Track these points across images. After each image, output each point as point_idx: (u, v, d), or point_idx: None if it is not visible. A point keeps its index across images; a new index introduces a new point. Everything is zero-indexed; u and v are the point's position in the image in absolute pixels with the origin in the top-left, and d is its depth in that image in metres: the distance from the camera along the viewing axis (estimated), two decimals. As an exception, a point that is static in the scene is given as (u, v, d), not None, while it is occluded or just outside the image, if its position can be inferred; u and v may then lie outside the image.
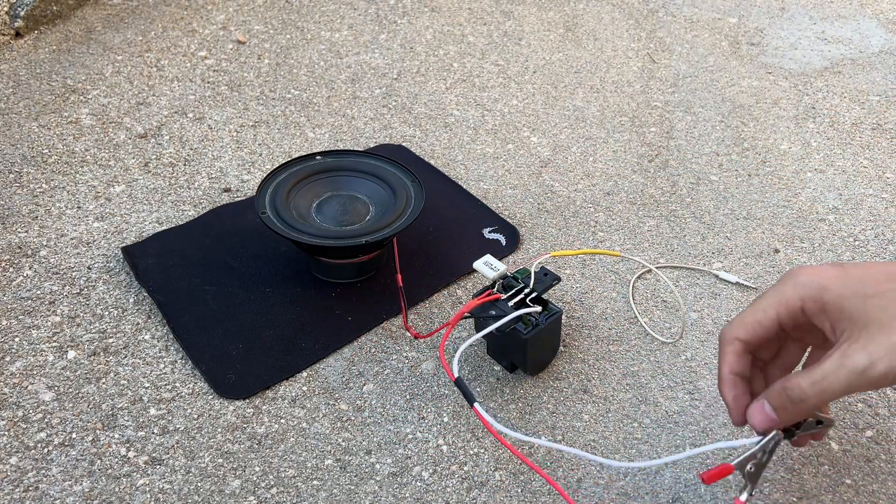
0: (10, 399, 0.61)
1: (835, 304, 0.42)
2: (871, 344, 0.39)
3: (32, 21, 1.08)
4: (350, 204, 0.73)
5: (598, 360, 0.66)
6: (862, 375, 0.39)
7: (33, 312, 0.68)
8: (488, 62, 1.08)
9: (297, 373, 0.64)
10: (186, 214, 0.80)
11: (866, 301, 0.41)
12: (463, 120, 0.96)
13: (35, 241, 0.76)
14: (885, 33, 1.17)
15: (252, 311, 0.69)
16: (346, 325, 0.68)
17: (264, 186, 0.71)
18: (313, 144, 0.91)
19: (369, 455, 0.58)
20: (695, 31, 1.17)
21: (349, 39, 1.12)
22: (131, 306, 0.69)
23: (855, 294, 0.42)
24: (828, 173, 0.88)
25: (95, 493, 0.55)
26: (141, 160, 0.87)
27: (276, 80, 1.02)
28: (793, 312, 0.45)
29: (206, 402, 0.61)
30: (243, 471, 0.57)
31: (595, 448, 0.59)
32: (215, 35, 1.11)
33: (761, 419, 0.44)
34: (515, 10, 1.21)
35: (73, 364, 0.64)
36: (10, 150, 0.87)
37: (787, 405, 0.42)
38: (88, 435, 0.59)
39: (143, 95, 0.98)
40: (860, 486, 0.57)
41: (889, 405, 0.63)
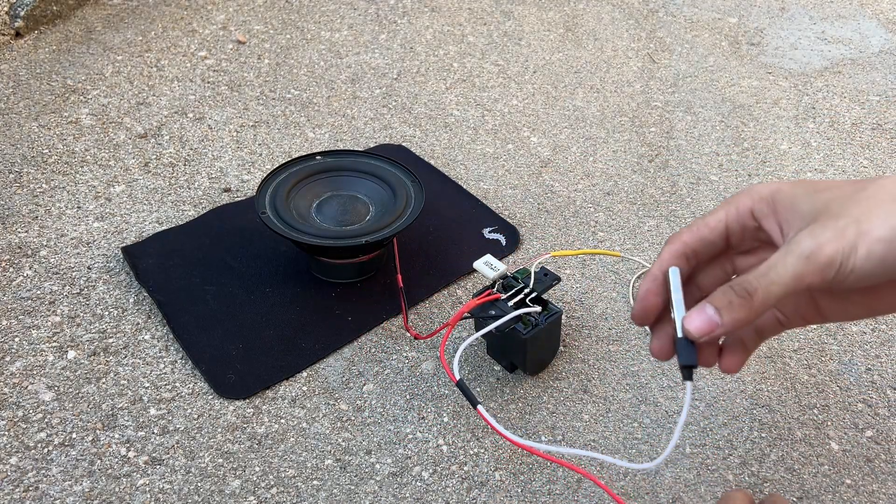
0: (10, 399, 0.61)
1: (785, 202, 0.39)
2: (818, 229, 0.36)
3: (32, 21, 1.08)
4: (350, 204, 0.73)
5: (598, 360, 0.66)
6: (809, 260, 0.36)
7: (33, 312, 0.68)
8: (488, 62, 1.08)
9: (297, 373, 0.64)
10: (186, 214, 0.80)
11: (816, 195, 0.38)
12: (463, 120, 0.96)
13: (35, 241, 0.76)
14: (885, 33, 1.17)
15: (252, 311, 0.69)
16: (346, 325, 0.68)
17: (264, 186, 0.71)
18: (313, 144, 0.91)
19: (369, 455, 0.58)
20: (695, 31, 1.17)
21: (349, 39, 1.12)
22: (131, 306, 0.69)
23: (806, 192, 0.39)
24: (828, 173, 0.88)
25: (95, 493, 0.55)
26: (141, 160, 0.87)
27: (276, 80, 1.02)
28: (742, 216, 0.41)
29: (206, 402, 0.61)
30: (243, 471, 0.57)
31: (595, 448, 0.59)
32: (215, 35, 1.11)
33: (700, 321, 0.38)
34: (515, 10, 1.21)
35: (73, 364, 0.64)
36: (10, 150, 0.87)
37: (732, 301, 0.37)
38: (88, 435, 0.59)
39: (143, 95, 0.98)
40: (860, 487, 0.57)
41: (889, 405, 0.63)
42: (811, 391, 0.64)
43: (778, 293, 0.36)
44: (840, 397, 0.63)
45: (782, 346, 0.67)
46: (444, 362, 0.58)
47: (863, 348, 0.67)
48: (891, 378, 0.65)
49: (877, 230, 0.35)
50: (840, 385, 0.64)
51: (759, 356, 0.66)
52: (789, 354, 0.67)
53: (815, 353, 0.67)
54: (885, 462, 0.58)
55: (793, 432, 0.60)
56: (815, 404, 0.63)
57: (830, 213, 0.37)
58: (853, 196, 0.37)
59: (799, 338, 0.68)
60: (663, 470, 0.57)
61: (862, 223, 0.36)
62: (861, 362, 0.66)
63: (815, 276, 0.36)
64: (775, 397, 0.63)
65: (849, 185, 0.38)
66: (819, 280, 0.36)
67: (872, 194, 0.37)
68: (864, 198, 0.37)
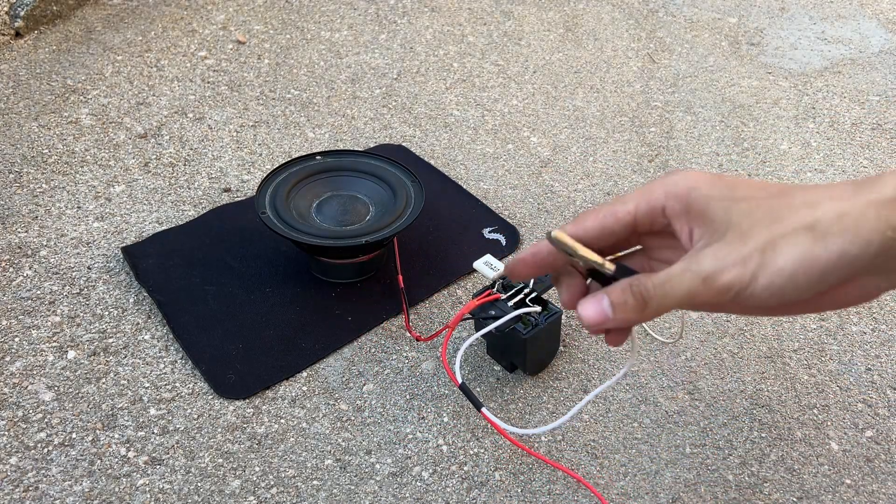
0: (10, 399, 0.61)
1: (699, 205, 0.38)
2: (724, 250, 0.35)
3: (32, 21, 1.08)
4: (350, 204, 0.73)
5: (598, 361, 0.66)
6: (705, 282, 0.35)
7: (33, 312, 0.68)
8: (488, 62, 1.08)
9: (297, 373, 0.64)
10: (186, 214, 0.80)
11: (732, 205, 0.37)
12: (463, 120, 0.96)
13: (35, 241, 0.76)
14: (885, 33, 1.17)
15: (252, 311, 0.69)
16: (346, 325, 0.68)
17: (264, 186, 0.71)
18: (313, 144, 0.91)
19: (369, 455, 0.58)
20: (695, 31, 1.17)
21: (349, 39, 1.12)
22: (131, 306, 0.69)
23: (723, 197, 0.37)
24: (828, 173, 0.88)
25: (95, 493, 0.55)
26: (141, 160, 0.87)
27: (276, 80, 1.02)
28: (653, 210, 0.40)
29: (206, 402, 0.61)
30: (243, 471, 0.57)
31: (595, 448, 0.59)
32: (215, 35, 1.11)
33: (593, 312, 0.38)
34: (515, 10, 1.21)
35: (73, 364, 0.64)
36: (10, 150, 0.87)
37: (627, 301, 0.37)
38: (88, 435, 0.59)
39: (143, 95, 0.98)
40: (860, 487, 0.57)
41: (889, 405, 0.63)
42: (811, 391, 0.64)
43: (670, 306, 0.36)
44: (840, 397, 0.63)
45: (782, 346, 0.67)
46: (447, 365, 0.58)
47: (863, 348, 0.67)
48: (891, 378, 0.65)
49: (780, 261, 0.34)
50: (840, 385, 0.64)
51: (759, 356, 0.66)
52: (789, 354, 0.67)
53: (815, 353, 0.67)
54: (885, 462, 0.58)
55: (793, 432, 0.60)
56: (815, 404, 0.63)
57: (739, 231, 0.36)
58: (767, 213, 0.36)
59: (799, 338, 0.68)
60: (663, 470, 0.57)
61: (766, 253, 0.35)
62: (861, 362, 0.66)
63: (711, 297, 0.35)
64: (775, 397, 0.63)
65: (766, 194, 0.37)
66: (714, 301, 0.35)
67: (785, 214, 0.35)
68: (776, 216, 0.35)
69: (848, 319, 0.70)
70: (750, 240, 0.35)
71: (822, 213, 0.35)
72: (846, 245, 0.34)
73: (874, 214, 0.34)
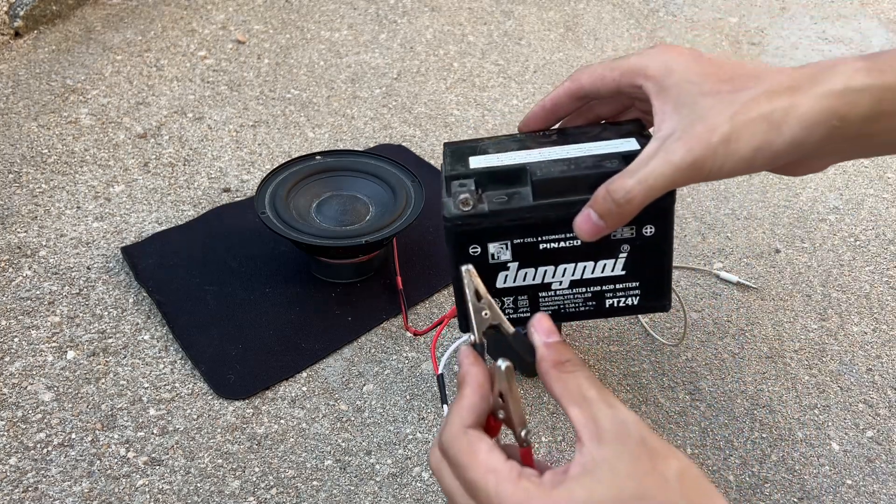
0: (10, 399, 0.61)
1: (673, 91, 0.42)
2: (693, 140, 0.40)
3: (32, 21, 1.08)
4: (350, 204, 0.73)
5: (599, 361, 0.65)
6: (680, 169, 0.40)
7: (32, 313, 0.68)
8: (488, 62, 1.08)
9: (296, 373, 0.64)
10: (186, 214, 0.80)
11: (700, 98, 0.41)
12: (463, 120, 0.96)
13: (34, 241, 0.76)
14: (886, 33, 1.17)
15: (252, 312, 0.69)
16: (346, 325, 0.68)
17: (264, 186, 0.71)
18: (313, 144, 0.91)
19: (369, 455, 0.58)
20: (695, 31, 1.17)
21: (349, 39, 1.11)
22: (131, 306, 0.69)
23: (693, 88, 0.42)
24: (828, 173, 0.88)
25: (95, 494, 0.55)
26: (140, 160, 0.87)
27: (275, 79, 1.02)
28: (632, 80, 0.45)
29: (205, 403, 0.61)
30: (243, 471, 0.57)
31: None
32: (215, 35, 1.11)
33: (588, 227, 0.43)
34: (516, 9, 1.21)
35: (73, 364, 0.64)
36: (9, 150, 0.87)
37: (612, 209, 0.42)
38: (88, 435, 0.59)
39: (142, 95, 0.97)
40: (861, 487, 0.57)
41: (890, 405, 0.62)
42: (812, 391, 0.64)
43: (653, 196, 0.41)
44: (841, 398, 0.63)
45: (783, 346, 0.67)
46: (433, 353, 0.58)
47: (864, 348, 0.67)
48: (892, 378, 0.65)
49: (742, 149, 0.40)
50: (841, 385, 0.64)
51: (760, 356, 0.66)
52: (790, 354, 0.67)
53: (816, 354, 0.67)
54: (886, 462, 0.58)
55: (793, 433, 0.60)
56: (816, 405, 0.63)
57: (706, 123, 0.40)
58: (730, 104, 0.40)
59: (800, 338, 0.68)
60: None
61: (730, 143, 0.40)
62: (862, 362, 0.66)
63: (686, 180, 0.41)
64: (776, 398, 0.63)
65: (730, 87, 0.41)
66: (690, 181, 0.41)
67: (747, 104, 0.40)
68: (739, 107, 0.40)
69: (849, 320, 0.70)
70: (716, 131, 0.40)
71: (778, 104, 0.40)
72: (796, 132, 0.39)
73: (822, 106, 0.39)
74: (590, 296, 0.49)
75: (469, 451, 0.36)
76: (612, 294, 0.49)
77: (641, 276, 0.48)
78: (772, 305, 0.71)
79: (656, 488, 0.34)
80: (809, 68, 0.41)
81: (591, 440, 0.35)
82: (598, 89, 0.47)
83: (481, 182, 0.46)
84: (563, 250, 0.47)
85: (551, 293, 0.49)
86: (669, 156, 0.40)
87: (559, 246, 0.46)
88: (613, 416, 0.36)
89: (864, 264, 0.76)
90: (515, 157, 0.47)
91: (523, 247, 0.46)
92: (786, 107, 0.40)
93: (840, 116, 0.39)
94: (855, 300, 0.72)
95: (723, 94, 0.41)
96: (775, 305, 0.71)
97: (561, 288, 0.48)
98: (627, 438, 0.35)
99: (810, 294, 0.73)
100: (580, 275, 0.48)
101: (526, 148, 0.48)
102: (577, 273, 0.48)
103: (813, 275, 0.75)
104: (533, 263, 0.47)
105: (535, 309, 0.49)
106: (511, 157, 0.47)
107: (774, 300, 0.72)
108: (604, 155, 0.46)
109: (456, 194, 0.44)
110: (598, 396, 0.37)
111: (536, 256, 0.47)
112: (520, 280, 0.48)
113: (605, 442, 0.35)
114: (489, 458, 0.36)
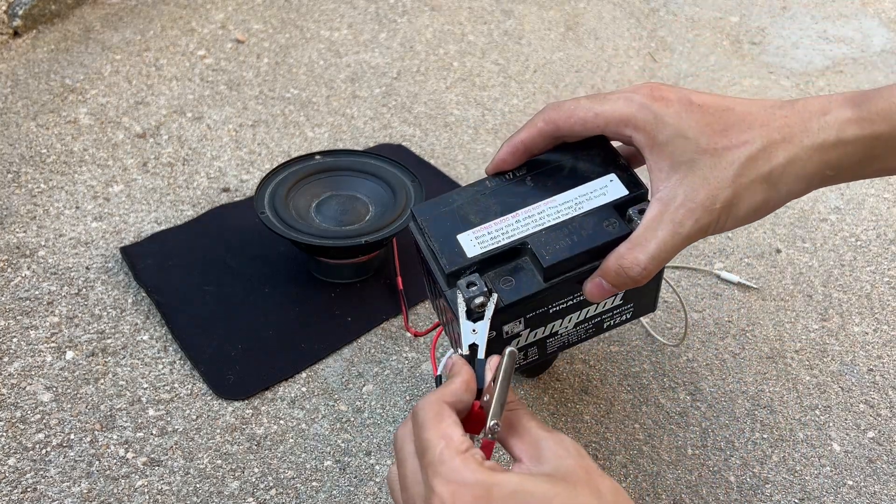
0: (9, 400, 0.61)
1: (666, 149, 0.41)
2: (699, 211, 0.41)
3: (31, 20, 1.08)
4: (350, 204, 0.72)
5: (599, 361, 0.65)
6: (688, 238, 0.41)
7: (31, 313, 0.68)
8: (489, 61, 1.07)
9: (296, 373, 0.64)
10: (185, 214, 0.79)
11: (698, 157, 0.41)
12: (463, 119, 0.95)
13: (33, 241, 0.76)
14: (887, 32, 1.16)
15: (251, 312, 0.68)
16: (345, 326, 0.68)
17: (263, 186, 0.71)
18: (312, 144, 0.90)
19: (369, 456, 0.58)
20: (696, 30, 1.16)
21: (349, 38, 1.11)
22: (130, 307, 0.69)
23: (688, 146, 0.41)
24: (829, 173, 0.88)
25: (94, 495, 0.55)
26: (139, 160, 0.87)
27: (275, 79, 1.02)
28: (619, 130, 0.44)
29: (204, 403, 0.61)
30: (242, 472, 0.56)
31: (596, 449, 0.58)
32: (214, 34, 1.10)
33: (599, 293, 0.44)
34: (516, 8, 1.21)
35: (72, 365, 0.64)
36: (8, 150, 0.87)
37: (627, 282, 0.43)
38: (87, 436, 0.58)
39: (141, 95, 0.97)
40: (862, 488, 0.56)
41: (891, 406, 0.62)
42: (813, 392, 0.63)
43: (661, 264, 0.42)
44: (842, 398, 0.63)
45: (784, 346, 0.67)
46: (433, 354, 0.58)
47: (864, 349, 0.67)
48: (893, 378, 0.65)
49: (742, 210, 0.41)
50: (842, 386, 0.64)
51: (761, 357, 0.66)
52: (791, 355, 0.66)
53: (817, 354, 0.67)
54: (887, 463, 0.58)
55: (794, 433, 0.60)
56: (817, 405, 0.62)
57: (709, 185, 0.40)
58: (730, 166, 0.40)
59: (801, 338, 0.68)
60: (665, 471, 0.57)
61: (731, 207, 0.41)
62: (863, 363, 0.66)
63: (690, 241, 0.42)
64: (777, 398, 0.63)
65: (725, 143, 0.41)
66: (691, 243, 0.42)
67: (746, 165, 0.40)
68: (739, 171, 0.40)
69: (850, 320, 0.70)
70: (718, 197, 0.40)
71: (775, 163, 0.40)
72: (792, 187, 0.41)
73: (817, 160, 0.40)
74: (591, 326, 0.52)
75: (434, 416, 0.36)
76: (609, 318, 0.52)
77: (636, 300, 0.51)
78: (773, 306, 0.71)
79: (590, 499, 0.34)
80: (798, 112, 0.41)
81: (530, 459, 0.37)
82: (578, 133, 0.46)
83: (483, 269, 0.45)
84: (571, 306, 0.48)
85: (557, 336, 0.51)
86: (677, 227, 0.41)
87: (567, 304, 0.48)
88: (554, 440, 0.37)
89: (865, 264, 0.76)
90: (507, 227, 0.46)
91: (535, 317, 0.47)
92: (783, 164, 0.40)
93: (833, 167, 0.41)
94: (856, 300, 0.72)
95: (720, 152, 0.41)
96: (776, 306, 0.71)
97: (566, 330, 0.50)
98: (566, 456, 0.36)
99: (811, 294, 0.73)
100: (584, 316, 0.50)
101: (506, 203, 0.47)
102: (582, 315, 0.50)
103: (814, 275, 0.75)
104: (543, 323, 0.48)
105: (543, 353, 0.52)
106: (502, 228, 0.46)
107: (775, 300, 0.72)
108: (598, 211, 0.45)
109: (470, 299, 0.43)
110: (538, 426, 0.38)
111: (546, 318, 0.48)
112: (531, 338, 0.49)
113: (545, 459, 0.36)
114: (448, 428, 0.36)
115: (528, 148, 0.47)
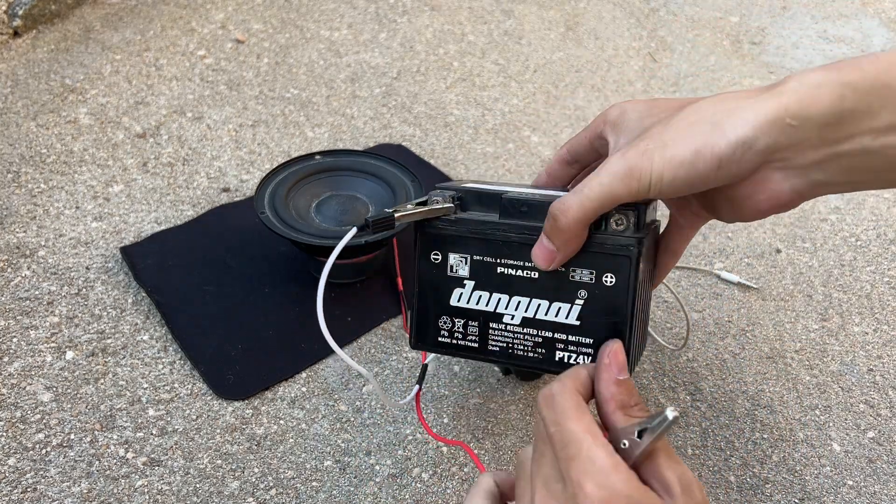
0: (9, 400, 0.61)
1: (622, 127, 0.44)
2: (631, 151, 0.38)
3: (31, 20, 1.08)
4: (350, 204, 0.72)
5: (599, 361, 0.65)
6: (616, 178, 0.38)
7: (31, 313, 0.68)
8: (488, 61, 1.07)
9: (296, 373, 0.64)
10: (185, 214, 0.79)
11: (646, 118, 0.42)
12: (463, 119, 0.95)
13: (33, 241, 0.76)
14: (887, 32, 1.16)
15: (251, 312, 0.68)
16: (345, 326, 0.68)
17: (263, 186, 0.71)
18: (312, 144, 0.90)
19: (369, 456, 0.58)
20: (696, 30, 1.16)
21: (349, 38, 1.11)
22: (130, 307, 0.69)
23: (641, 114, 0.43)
24: (829, 173, 0.88)
25: (94, 495, 0.55)
26: (139, 160, 0.87)
27: (275, 79, 1.01)
28: (596, 131, 0.47)
29: (204, 403, 0.61)
30: (242, 472, 0.56)
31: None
32: (214, 34, 1.10)
33: (540, 251, 0.43)
34: (516, 8, 1.21)
35: (72, 365, 0.64)
36: (8, 150, 0.87)
37: (552, 224, 0.41)
38: (87, 436, 0.58)
39: (141, 95, 0.97)
40: (862, 488, 0.56)
41: (891, 406, 0.62)
42: (813, 392, 0.63)
43: (590, 208, 0.39)
44: (842, 398, 0.63)
45: (784, 346, 0.67)
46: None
47: (865, 349, 0.67)
48: (893, 378, 0.65)
49: (679, 150, 0.37)
50: (842, 386, 0.64)
51: (761, 357, 0.66)
52: (791, 355, 0.66)
53: (817, 354, 0.67)
54: (888, 463, 0.58)
55: (794, 433, 0.60)
56: (817, 405, 0.62)
57: (647, 135, 0.39)
58: (670, 118, 0.38)
59: (801, 338, 0.68)
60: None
61: (668, 147, 0.37)
62: (863, 363, 0.66)
63: (624, 191, 0.38)
64: (777, 398, 0.63)
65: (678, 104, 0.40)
66: (629, 195, 0.39)
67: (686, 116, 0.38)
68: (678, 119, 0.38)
69: (850, 320, 0.70)
70: (654, 139, 0.38)
71: (721, 107, 0.37)
72: (742, 133, 0.35)
73: (773, 104, 0.35)
74: (540, 341, 0.47)
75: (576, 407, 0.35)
76: (563, 346, 0.46)
77: (596, 334, 0.45)
78: (773, 306, 0.71)
79: None
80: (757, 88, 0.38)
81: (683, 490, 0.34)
82: (577, 150, 0.50)
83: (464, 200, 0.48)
84: (520, 280, 0.46)
85: (502, 327, 0.47)
86: (605, 166, 0.39)
87: (516, 274, 0.46)
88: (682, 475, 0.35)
89: (865, 264, 0.76)
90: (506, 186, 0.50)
91: (482, 266, 0.47)
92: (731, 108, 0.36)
93: (794, 114, 0.35)
94: (856, 300, 0.72)
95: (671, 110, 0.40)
96: (776, 306, 0.71)
97: (512, 324, 0.47)
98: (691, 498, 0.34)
99: (811, 294, 0.73)
100: (533, 313, 0.46)
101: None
102: (531, 310, 0.46)
103: (814, 275, 0.75)
104: (488, 287, 0.47)
105: (485, 341, 0.48)
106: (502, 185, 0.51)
107: (775, 300, 0.72)
108: None
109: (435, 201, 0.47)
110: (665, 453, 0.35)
111: (493, 280, 0.47)
112: (473, 302, 0.48)
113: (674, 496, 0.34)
114: (592, 425, 0.35)
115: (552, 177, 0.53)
